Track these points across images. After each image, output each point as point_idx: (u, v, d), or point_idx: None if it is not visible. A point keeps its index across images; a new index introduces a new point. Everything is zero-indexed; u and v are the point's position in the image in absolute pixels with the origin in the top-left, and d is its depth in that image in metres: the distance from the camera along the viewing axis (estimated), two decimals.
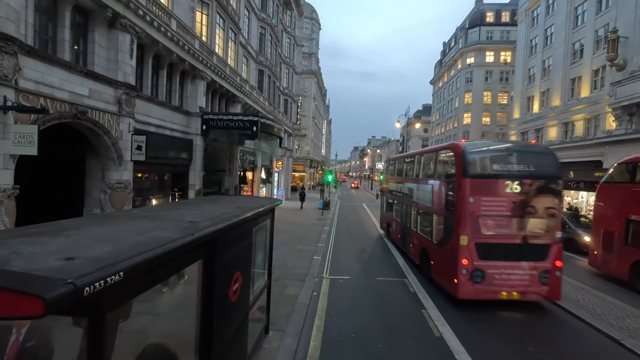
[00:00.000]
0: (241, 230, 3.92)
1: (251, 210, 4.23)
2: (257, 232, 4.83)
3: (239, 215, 3.76)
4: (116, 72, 8.94)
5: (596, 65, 21.57)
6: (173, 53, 11.57)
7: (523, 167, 7.50)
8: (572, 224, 13.94)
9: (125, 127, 9.22)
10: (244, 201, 5.21)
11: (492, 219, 7.32)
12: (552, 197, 7.36)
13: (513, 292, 7.17)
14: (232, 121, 13.75)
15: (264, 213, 4.91)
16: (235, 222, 3.54)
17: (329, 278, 9.34)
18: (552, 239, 7.30)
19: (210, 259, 3.08)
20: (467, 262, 7.11)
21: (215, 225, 3.07)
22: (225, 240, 3.39)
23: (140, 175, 11.32)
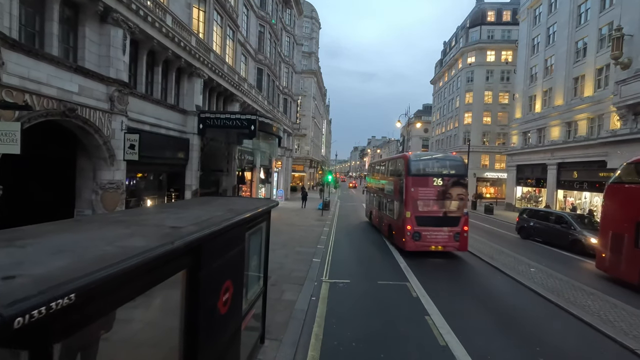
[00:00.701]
0: (232, 236, 3.61)
1: (244, 213, 3.92)
2: (251, 236, 4.51)
3: (230, 219, 3.44)
4: (108, 69, 8.62)
5: (600, 63, 21.27)
6: (168, 50, 11.26)
7: (443, 169, 12.04)
8: (579, 225, 13.62)
9: (118, 126, 8.90)
10: (238, 203, 4.89)
11: (424, 201, 11.62)
12: (461, 187, 11.89)
13: (438, 246, 11.64)
14: (229, 120, 13.43)
15: (259, 215, 4.60)
16: (226, 226, 3.23)
17: (328, 282, 9.02)
18: (461, 213, 11.74)
19: (195, 268, 2.76)
20: (410, 228, 11.52)
21: (202, 230, 2.76)
22: (214, 247, 3.08)
23: (135, 175, 11.01)
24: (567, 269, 11.04)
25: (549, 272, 10.21)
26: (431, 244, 11.58)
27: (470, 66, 44.86)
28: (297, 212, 23.23)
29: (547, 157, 25.56)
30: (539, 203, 27.75)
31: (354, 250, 12.89)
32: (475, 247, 13.41)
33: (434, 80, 60.90)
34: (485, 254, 12.24)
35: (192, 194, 13.65)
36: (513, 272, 10.04)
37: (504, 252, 12.74)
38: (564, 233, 13.94)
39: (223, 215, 3.64)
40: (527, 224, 16.25)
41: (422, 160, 12.63)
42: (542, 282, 9.12)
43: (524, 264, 11.08)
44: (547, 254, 13.35)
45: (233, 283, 3.69)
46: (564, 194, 24.67)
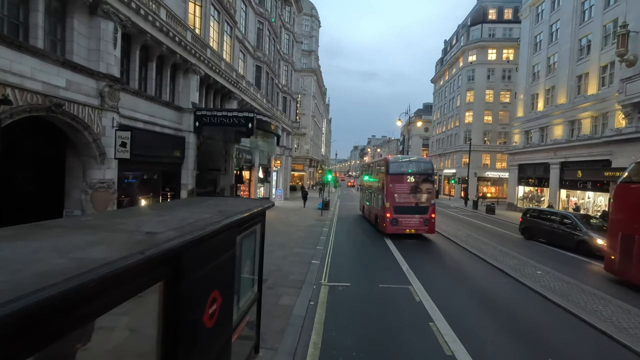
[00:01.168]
0: (221, 240, 3.27)
1: (235, 216, 3.58)
2: (243, 240, 4.17)
3: (218, 222, 3.10)
4: (98, 63, 8.27)
5: (604, 61, 20.92)
6: (163, 45, 10.90)
7: (415, 169, 15.13)
8: (584, 226, 13.28)
9: (109, 123, 8.55)
10: (230, 204, 4.54)
11: (400, 194, 14.50)
12: (429, 183, 14.89)
13: (412, 230, 14.48)
14: (226, 117, 13.08)
15: (253, 217, 4.26)
16: (212, 231, 2.88)
17: (327, 285, 8.68)
18: (429, 203, 14.51)
19: (174, 280, 2.42)
20: (389, 215, 14.37)
21: (182, 237, 2.41)
22: (197, 255, 2.74)
23: (128, 174, 10.66)
24: (574, 271, 10.70)
25: (556, 274, 9.87)
26: (406, 228, 14.54)
27: (471, 65, 44.50)
28: (297, 212, 22.89)
29: (550, 156, 25.21)
30: (541, 203, 27.42)
31: (354, 251, 12.55)
32: (479, 248, 13.08)
33: (434, 79, 60.51)
34: (489, 256, 11.90)
35: (188, 194, 13.31)
36: (519, 274, 9.71)
37: (508, 254, 12.40)
38: (569, 234, 13.60)
39: (211, 218, 3.30)
40: (530, 224, 15.91)
41: (399, 162, 16.05)
42: (550, 286, 8.78)
43: (529, 266, 10.74)
44: (552, 255, 13.01)
45: (222, 293, 3.35)
46: (567, 194, 24.34)
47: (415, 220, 14.41)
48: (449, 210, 29.65)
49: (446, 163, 51.11)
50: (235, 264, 3.81)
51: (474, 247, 13.28)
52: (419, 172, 15.01)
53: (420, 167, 15.33)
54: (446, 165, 51.00)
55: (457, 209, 30.88)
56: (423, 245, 13.97)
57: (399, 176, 14.72)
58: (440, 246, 13.91)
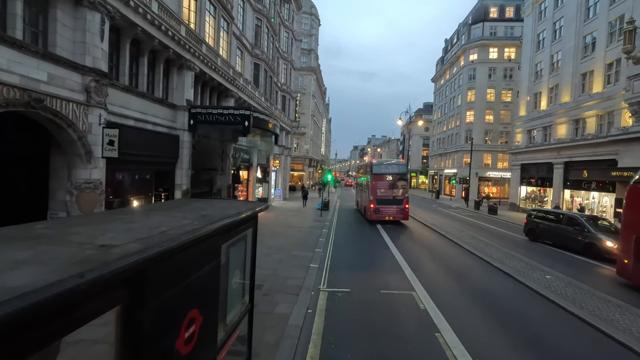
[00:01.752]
0: (201, 251, 2.82)
1: (220, 221, 3.13)
2: (231, 247, 3.72)
3: (196, 230, 2.64)
4: (84, 56, 7.82)
5: (610, 58, 20.48)
6: (154, 39, 10.44)
7: (393, 170, 18.74)
8: (592, 227, 12.83)
9: (95, 119, 8.10)
10: (217, 207, 4.09)
11: (381, 189, 18.05)
12: (404, 181, 18.56)
13: (390, 217, 18.18)
14: (222, 115, 12.63)
15: (243, 222, 3.81)
16: (188, 241, 2.42)
17: (326, 291, 8.23)
18: (403, 197, 18.13)
19: (135, 304, 1.97)
20: (373, 206, 18.03)
21: (146, 251, 1.96)
22: (168, 271, 2.29)
23: (118, 173, 10.21)
24: (584, 275, 10.25)
25: (566, 279, 9.43)
26: (386, 215, 18.38)
27: (473, 63, 44.06)
28: (296, 213, 22.43)
29: (554, 155, 24.77)
30: (545, 203, 26.98)
31: (355, 254, 12.10)
32: (483, 250, 12.64)
33: (435, 78, 60.07)
34: (494, 259, 11.45)
35: (182, 194, 12.86)
36: (528, 279, 9.26)
37: (514, 256, 11.96)
38: (577, 235, 13.16)
39: (190, 224, 2.85)
40: (535, 225, 15.46)
41: (380, 164, 19.96)
42: (561, 292, 8.33)
43: (537, 269, 10.29)
44: (560, 258, 12.57)
45: (202, 311, 2.90)
46: (571, 194, 23.90)
47: (392, 210, 18.45)
48: (450, 210, 29.21)
49: (447, 163, 50.66)
50: (220, 276, 3.36)
51: (478, 250, 12.84)
52: (395, 172, 18.97)
53: (397, 169, 19.34)
54: (447, 165, 50.55)
55: (458, 209, 30.44)
56: (427, 248, 13.54)
57: (380, 176, 18.76)
58: (443, 249, 13.47)
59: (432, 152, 60.08)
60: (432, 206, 32.68)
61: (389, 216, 18.31)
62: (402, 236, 15.67)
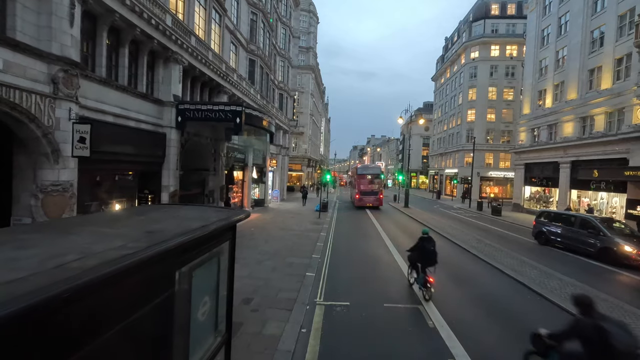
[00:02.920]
0: (137, 285, 1.98)
1: (170, 241, 2.29)
2: (195, 271, 2.87)
3: (125, 258, 1.80)
4: (49, 43, 6.95)
5: (619, 53, 19.66)
6: (136, 27, 9.58)
7: (371, 171, 28.35)
8: (608, 231, 12.00)
9: (64, 114, 7.24)
10: (178, 219, 3.23)
11: (362, 185, 27.12)
12: (379, 179, 27.86)
13: (370, 204, 26.84)
14: (211, 112, 11.77)
15: (209, 239, 2.97)
16: (102, 277, 1.59)
17: (323, 304, 7.38)
18: (379, 190, 27.38)
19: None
20: (358, 196, 27.17)
21: (17, 302, 1.13)
22: (74, 321, 1.46)
23: (94, 175, 9.35)
24: (604, 284, 9.42)
25: (587, 289, 8.59)
26: (367, 202, 26.66)
27: (474, 61, 43.26)
28: (293, 214, 21.58)
29: (560, 154, 23.96)
30: (550, 204, 26.18)
31: (355, 260, 11.23)
32: (492, 256, 11.80)
33: (435, 77, 59.27)
34: (506, 266, 10.61)
35: (169, 196, 12.00)
36: (545, 290, 8.42)
37: (526, 262, 11.12)
38: (591, 239, 12.33)
39: (121, 248, 2.00)
40: (546, 228, 14.63)
41: (363, 168, 30.24)
42: None
43: (554, 278, 9.45)
44: (573, 263, 11.75)
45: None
46: (578, 194, 23.09)
47: (371, 198, 27.04)
48: (452, 211, 28.38)
49: (447, 162, 49.84)
50: (174, 312, 2.53)
51: (487, 255, 12.00)
52: (373, 173, 28.27)
53: (374, 171, 28.96)
54: (447, 164, 49.73)
55: (460, 210, 29.61)
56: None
57: (362, 175, 27.77)
58: (449, 254, 12.62)
59: (432, 151, 59.25)
60: (433, 207, 31.86)
61: (369, 203, 26.92)
62: (407, 241, 14.83)
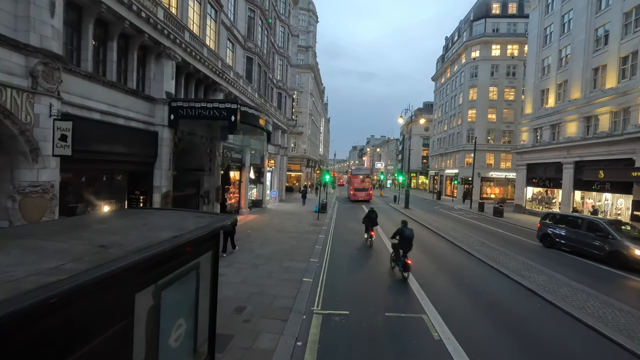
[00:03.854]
0: (80, 315, 1.53)
1: (130, 257, 1.85)
2: (165, 291, 2.42)
3: (29, 298, 1.34)
4: (27, 34, 6.49)
5: (625, 51, 19.24)
6: (124, 20, 9.11)
7: (362, 172, 36.42)
8: (617, 234, 11.56)
9: (44, 110, 6.77)
10: (146, 228, 2.77)
11: (356, 183, 34.62)
12: (368, 178, 35.95)
13: (361, 198, 34.26)
14: (205, 109, 11.30)
15: (180, 253, 2.51)
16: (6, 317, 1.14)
17: (321, 313, 6.93)
18: (369, 187, 35.11)
19: None
20: (352, 192, 34.87)
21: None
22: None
23: (79, 175, 8.89)
24: (616, 290, 8.98)
25: (599, 296, 8.15)
26: (359, 197, 33.89)
27: (475, 61, 42.84)
28: (292, 216, 21.12)
29: (563, 155, 23.53)
30: (553, 205, 25.76)
31: (354, 267, 10.77)
32: (497, 260, 11.35)
33: (435, 77, 58.83)
34: (512, 270, 10.16)
35: (162, 197, 11.53)
36: (556, 297, 7.97)
37: (533, 267, 10.67)
38: (599, 242, 11.89)
39: (55, 270, 1.55)
40: (551, 230, 14.18)
41: (356, 169, 37.78)
42: (598, 314, 7.05)
43: (563, 285, 9.00)
44: (582, 268, 11.30)
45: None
46: (582, 195, 22.65)
47: (363, 194, 33.95)
48: (453, 212, 27.94)
49: (448, 163, 49.39)
50: (135, 342, 2.07)
51: (492, 259, 11.55)
52: (363, 173, 35.78)
53: (364, 172, 36.55)
54: (448, 165, 49.29)
55: (462, 211, 29.17)
56: (435, 258, 12.25)
57: (355, 175, 35.10)
58: (453, 258, 12.18)
59: (432, 152, 58.81)
60: (434, 208, 31.42)
61: (361, 198, 33.99)
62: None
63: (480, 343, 5.86)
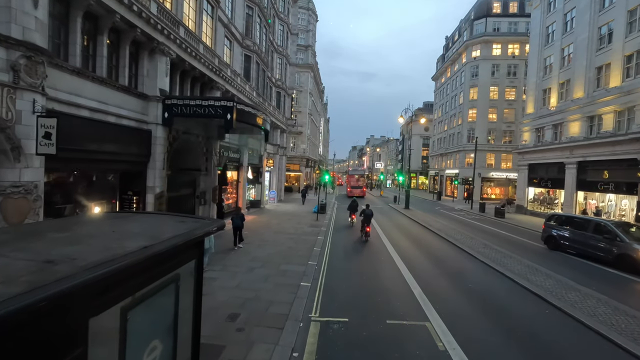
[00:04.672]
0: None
1: (65, 282, 1.51)
2: (132, 312, 2.06)
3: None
4: (9, 25, 6.13)
5: (629, 50, 18.92)
6: (115, 14, 8.75)
7: (357, 172, 45.77)
8: (625, 236, 11.22)
9: (27, 106, 6.41)
10: (114, 236, 2.43)
11: (353, 182, 42.03)
12: (363, 177, 45.50)
13: (357, 194, 36.25)
14: (200, 107, 10.94)
15: (151, 266, 2.16)
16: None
17: (319, 321, 6.58)
18: (363, 185, 43.18)
19: None
20: (349, 189, 41.19)
21: None
22: None
23: (68, 175, 8.53)
24: (627, 296, 8.63)
25: (609, 302, 7.80)
26: (355, 194, 35.61)
27: (475, 60, 42.53)
28: (290, 216, 20.78)
29: (565, 155, 23.20)
30: (555, 205, 25.44)
31: (354, 270, 10.41)
32: (501, 263, 11.01)
33: (435, 77, 58.52)
34: (517, 274, 9.81)
35: (155, 198, 11.17)
36: (565, 303, 7.62)
37: (539, 270, 10.33)
38: (607, 245, 11.55)
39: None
40: (556, 232, 13.84)
41: (352, 170, 50.60)
42: (610, 321, 6.70)
43: (571, 289, 8.66)
44: (589, 271, 10.97)
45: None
46: (585, 196, 22.32)
47: (358, 191, 39.03)
48: (454, 213, 27.60)
49: (448, 163, 49.07)
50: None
51: (496, 262, 11.21)
52: (359, 174, 44.11)
53: (359, 172, 45.84)
54: (448, 165, 48.97)
55: (462, 211, 28.84)
56: (436, 261, 11.91)
57: (352, 175, 43.42)
58: (455, 261, 11.84)
59: (432, 152, 58.49)
60: (434, 208, 31.09)
61: (357, 194, 36.96)
62: (411, 248, 14.05)
63: (489, 354, 5.52)
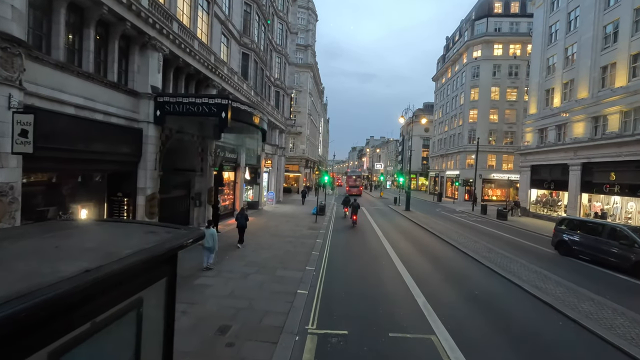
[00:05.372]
0: None
1: None
2: (70, 355, 1.59)
3: None
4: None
5: (635, 49, 18.50)
6: (102, 6, 8.30)
7: (355, 174, 51.53)
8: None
9: (2, 102, 5.95)
10: (54, 253, 1.94)
11: (351, 182, 47.55)
12: (360, 178, 53.06)
13: (354, 193, 43.30)
14: (194, 105, 10.47)
15: (96, 294, 1.68)
16: None
17: (316, 333, 6.10)
18: (360, 185, 50.15)
19: None
20: (348, 189, 46.35)
21: None
22: None
23: (52, 176, 8.05)
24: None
25: (627, 312, 7.33)
26: (352, 193, 42.38)
27: (476, 60, 42.12)
28: (289, 218, 20.30)
29: (569, 156, 22.75)
30: (558, 207, 24.98)
31: (355, 276, 9.92)
32: (508, 269, 10.53)
33: (435, 77, 58.09)
34: (526, 282, 9.34)
35: (147, 200, 10.69)
36: (580, 314, 7.15)
37: (549, 277, 9.85)
38: (623, 252, 11.01)
39: None
40: (567, 237, 13.30)
41: (351, 171, 57.72)
42: (630, 335, 6.23)
43: (585, 298, 8.19)
44: (604, 279, 10.47)
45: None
46: (589, 198, 21.87)
47: (355, 190, 44.72)
48: (455, 215, 27.14)
49: (449, 164, 48.63)
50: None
51: (503, 268, 10.74)
52: (356, 175, 50.33)
53: (357, 173, 52.62)
54: (449, 166, 48.52)
55: (464, 213, 28.39)
56: (440, 266, 11.44)
57: (350, 176, 49.27)
58: (459, 266, 11.37)
59: (432, 153, 58.06)
60: (435, 210, 30.62)
61: (354, 192, 42.40)
62: (413, 253, 13.58)
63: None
